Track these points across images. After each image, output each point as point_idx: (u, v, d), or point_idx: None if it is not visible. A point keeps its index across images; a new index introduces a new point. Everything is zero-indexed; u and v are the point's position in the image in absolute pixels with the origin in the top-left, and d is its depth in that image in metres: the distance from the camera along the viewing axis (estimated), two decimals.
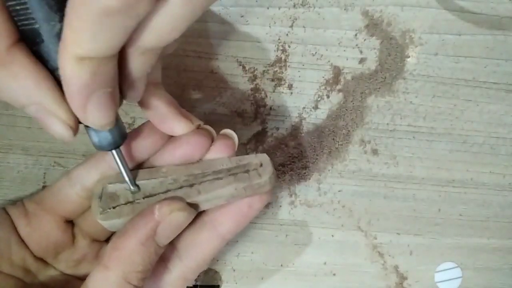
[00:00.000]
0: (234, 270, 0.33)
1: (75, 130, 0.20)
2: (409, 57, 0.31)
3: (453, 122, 0.32)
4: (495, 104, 0.32)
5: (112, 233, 0.27)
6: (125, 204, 0.24)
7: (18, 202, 0.27)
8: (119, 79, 0.19)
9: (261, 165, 0.24)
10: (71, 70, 0.16)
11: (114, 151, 0.22)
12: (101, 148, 0.22)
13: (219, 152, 0.25)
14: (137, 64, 0.19)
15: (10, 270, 0.26)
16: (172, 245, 0.25)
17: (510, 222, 0.33)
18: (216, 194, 0.23)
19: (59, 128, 0.19)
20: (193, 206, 0.24)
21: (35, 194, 0.27)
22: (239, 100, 0.31)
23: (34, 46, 0.18)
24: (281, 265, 0.33)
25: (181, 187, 0.24)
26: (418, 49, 0.31)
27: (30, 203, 0.27)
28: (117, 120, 0.21)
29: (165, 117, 0.24)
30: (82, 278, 0.25)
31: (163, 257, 0.24)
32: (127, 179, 0.24)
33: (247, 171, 0.24)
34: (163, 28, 0.17)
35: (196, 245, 0.25)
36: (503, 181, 0.32)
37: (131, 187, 0.24)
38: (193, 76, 0.31)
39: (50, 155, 0.32)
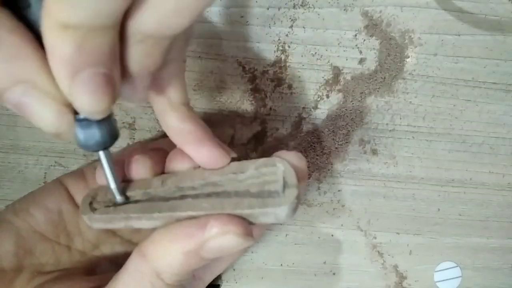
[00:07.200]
0: (234, 270, 0.33)
1: (71, 120, 0.16)
2: (408, 57, 0.31)
3: (452, 122, 0.32)
4: (494, 104, 0.32)
5: None
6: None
7: (78, 169, 0.26)
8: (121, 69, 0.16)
9: (284, 184, 0.19)
10: (54, 40, 0.14)
11: (101, 152, 0.20)
12: (86, 147, 0.18)
13: None
14: (135, 53, 0.16)
15: (67, 240, 0.25)
16: None
17: (509, 222, 0.33)
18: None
19: (51, 113, 0.16)
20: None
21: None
22: (239, 100, 0.32)
23: (20, 11, 0.15)
24: (281, 265, 0.33)
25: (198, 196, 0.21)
26: (418, 49, 0.31)
27: (88, 168, 0.26)
28: (109, 115, 0.18)
29: (201, 144, 0.21)
30: None
31: None
32: (113, 186, 0.21)
33: (267, 194, 0.20)
34: (164, 6, 0.14)
35: None
36: (502, 181, 0.32)
37: (117, 196, 0.21)
38: (193, 76, 0.31)
39: (51, 155, 0.32)
